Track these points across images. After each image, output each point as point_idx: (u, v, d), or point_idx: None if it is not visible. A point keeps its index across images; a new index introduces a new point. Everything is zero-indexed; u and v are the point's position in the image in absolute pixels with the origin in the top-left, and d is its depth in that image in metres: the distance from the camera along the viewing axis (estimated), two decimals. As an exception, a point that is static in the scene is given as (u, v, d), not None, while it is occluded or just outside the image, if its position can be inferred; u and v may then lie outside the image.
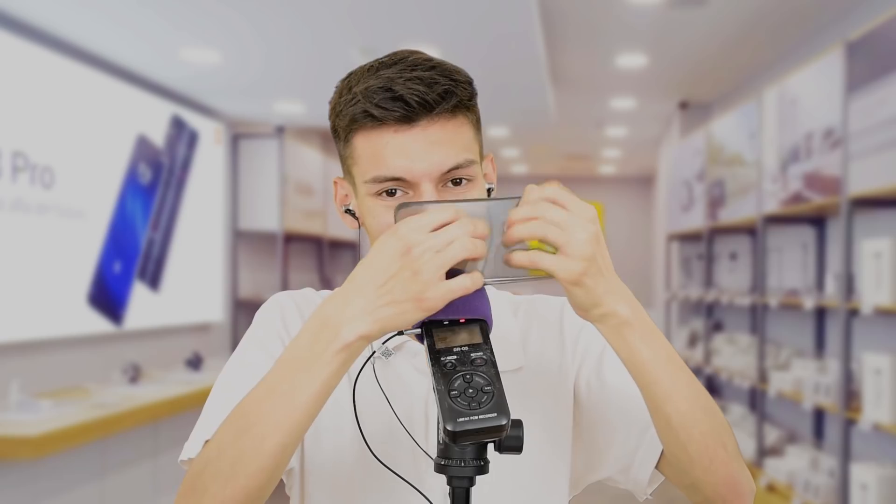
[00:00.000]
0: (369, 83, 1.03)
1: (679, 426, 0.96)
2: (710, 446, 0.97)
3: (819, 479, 4.41)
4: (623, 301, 0.94)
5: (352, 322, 0.88)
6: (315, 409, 0.91)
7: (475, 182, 1.06)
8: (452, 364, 0.87)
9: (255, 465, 0.91)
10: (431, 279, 0.87)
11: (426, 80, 1.01)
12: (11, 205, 4.31)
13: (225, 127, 6.91)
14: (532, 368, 1.15)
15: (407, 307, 0.87)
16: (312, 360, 0.90)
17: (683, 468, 1.00)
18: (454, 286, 0.88)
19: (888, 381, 3.70)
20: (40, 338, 4.59)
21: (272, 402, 0.91)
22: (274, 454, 0.91)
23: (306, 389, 0.90)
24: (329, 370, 0.89)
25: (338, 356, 0.89)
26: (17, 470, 3.75)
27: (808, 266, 5.30)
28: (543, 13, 5.02)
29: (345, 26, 4.66)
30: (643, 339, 0.94)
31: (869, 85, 3.91)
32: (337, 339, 0.89)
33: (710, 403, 0.99)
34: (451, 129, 1.03)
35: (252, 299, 7.21)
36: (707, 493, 1.01)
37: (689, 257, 7.83)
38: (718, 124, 6.42)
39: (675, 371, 0.96)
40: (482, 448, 0.89)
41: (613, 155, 11.15)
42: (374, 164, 1.03)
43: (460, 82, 1.04)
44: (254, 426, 0.91)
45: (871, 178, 3.89)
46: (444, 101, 1.01)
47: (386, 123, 1.02)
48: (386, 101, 1.01)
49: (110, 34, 4.84)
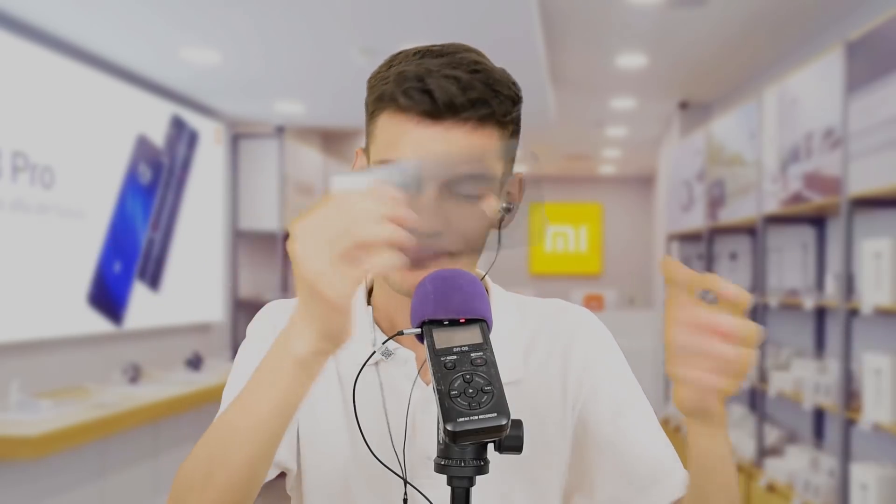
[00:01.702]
0: (408, 68, 1.00)
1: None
2: None
3: (819, 479, 4.41)
4: (720, 406, 0.90)
5: (300, 335, 0.86)
6: (278, 424, 0.90)
7: (484, 200, 1.02)
8: (452, 364, 0.87)
9: (223, 478, 0.91)
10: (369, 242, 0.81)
11: (462, 82, 0.97)
12: (11, 205, 4.31)
13: (225, 127, 6.91)
14: (531, 382, 1.12)
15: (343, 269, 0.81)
16: (269, 377, 0.89)
17: None
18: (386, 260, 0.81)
19: (888, 381, 3.70)
20: (40, 338, 4.59)
21: (239, 416, 0.91)
22: (241, 468, 0.91)
23: (267, 403, 0.89)
24: (285, 384, 0.88)
25: (294, 369, 0.87)
26: (17, 470, 3.75)
27: (808, 266, 5.30)
28: (543, 14, 5.02)
29: (345, 26, 4.66)
30: (726, 443, 0.95)
31: (869, 85, 3.91)
32: (288, 355, 0.87)
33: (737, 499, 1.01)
34: (477, 139, 0.99)
35: (252, 299, 7.21)
36: None
37: (689, 257, 7.83)
38: (718, 124, 6.42)
39: (731, 472, 0.98)
40: (482, 448, 0.89)
41: (613, 155, 11.15)
42: (388, 148, 1.02)
43: (499, 94, 0.99)
44: (222, 440, 0.91)
45: (871, 178, 3.89)
46: (474, 108, 0.98)
47: (410, 113, 0.99)
48: (414, 91, 0.98)
49: (110, 34, 4.85)
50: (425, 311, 0.93)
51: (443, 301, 0.94)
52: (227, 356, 6.52)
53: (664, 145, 9.18)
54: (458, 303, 0.93)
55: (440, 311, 0.93)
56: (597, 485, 1.11)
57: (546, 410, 1.12)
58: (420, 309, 0.94)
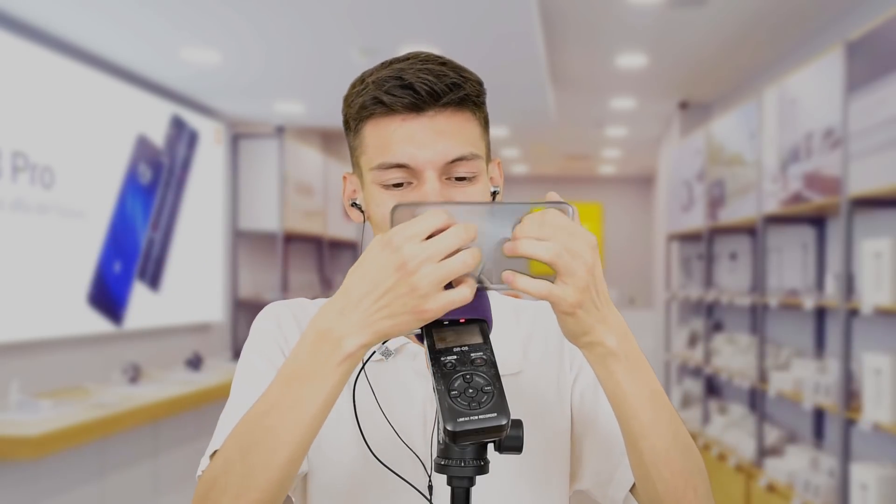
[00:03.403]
0: (381, 74, 1.05)
1: (651, 463, 0.97)
2: (680, 488, 0.98)
3: (819, 479, 4.41)
4: (613, 332, 0.93)
5: (351, 335, 0.88)
6: (320, 422, 0.91)
7: (478, 179, 1.07)
8: (452, 364, 0.88)
9: (264, 479, 0.91)
10: (430, 294, 0.86)
11: (436, 72, 1.04)
12: (11, 205, 4.31)
13: (225, 127, 6.91)
14: (531, 374, 1.15)
15: (405, 318, 0.87)
16: (314, 374, 0.90)
17: (651, 502, 1.01)
18: (454, 297, 0.87)
19: (888, 381, 3.70)
20: (40, 338, 4.59)
21: (278, 417, 0.91)
22: (282, 468, 0.91)
23: (311, 403, 0.90)
24: (332, 382, 0.89)
25: (339, 368, 0.89)
26: (17, 470, 3.75)
27: (808, 266, 5.30)
28: (543, 13, 5.02)
29: (345, 26, 4.67)
30: (628, 372, 0.94)
31: (869, 85, 3.91)
32: (338, 352, 0.89)
33: (687, 445, 0.99)
34: (458, 122, 1.05)
35: (252, 299, 7.21)
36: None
37: (689, 257, 7.83)
38: (718, 124, 6.42)
39: (656, 408, 0.96)
40: (482, 448, 0.90)
41: (613, 155, 11.15)
42: (380, 151, 1.05)
43: (469, 79, 1.07)
44: (261, 442, 0.91)
45: (871, 178, 3.89)
46: (452, 91, 1.04)
47: (394, 111, 1.04)
48: (395, 89, 1.03)
49: (110, 34, 4.85)
50: (425, 311, 0.93)
51: (443, 301, 0.94)
52: (227, 356, 6.52)
53: (664, 145, 9.18)
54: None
55: (440, 311, 0.93)
56: (583, 461, 1.15)
57: (546, 400, 1.15)
58: (420, 309, 0.94)
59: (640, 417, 0.95)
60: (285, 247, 7.24)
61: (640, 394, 0.94)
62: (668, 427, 0.97)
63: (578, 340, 0.93)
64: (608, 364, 0.93)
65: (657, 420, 0.96)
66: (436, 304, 0.86)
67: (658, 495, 0.99)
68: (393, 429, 1.09)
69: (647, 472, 0.98)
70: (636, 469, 1.00)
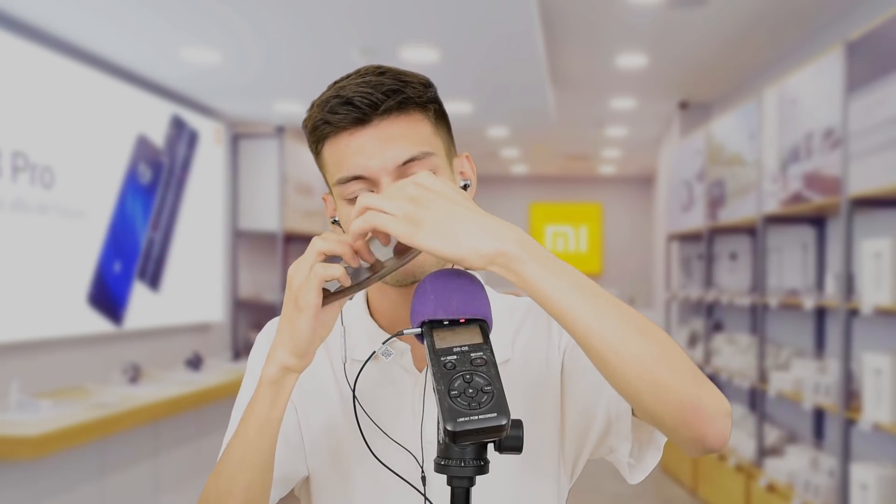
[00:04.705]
0: (325, 96, 1.10)
1: (610, 355, 0.91)
2: (653, 371, 0.91)
3: (819, 479, 4.41)
4: (503, 239, 0.90)
5: (272, 359, 0.99)
6: (264, 443, 1.00)
7: (438, 175, 1.08)
8: (452, 364, 0.88)
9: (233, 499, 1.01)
10: (300, 283, 0.95)
11: (372, 84, 1.07)
12: (11, 205, 4.31)
13: (225, 127, 6.91)
14: (519, 360, 1.16)
15: (293, 315, 0.96)
16: (255, 398, 1.00)
17: (636, 402, 0.94)
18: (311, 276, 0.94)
19: (888, 381, 3.70)
20: (40, 338, 4.59)
21: (235, 441, 1.01)
22: (242, 490, 1.01)
23: (252, 425, 1.00)
24: (264, 404, 0.99)
25: (268, 391, 0.99)
26: (17, 470, 3.75)
27: (808, 266, 5.30)
28: (543, 13, 5.02)
29: (345, 26, 4.66)
30: (541, 271, 0.90)
31: (869, 85, 3.91)
32: (265, 375, 0.99)
33: (646, 326, 0.92)
34: (404, 125, 1.08)
35: (252, 299, 7.21)
36: (668, 423, 0.94)
37: (689, 257, 7.83)
38: (718, 124, 6.42)
39: (590, 299, 0.91)
40: (482, 448, 0.90)
41: (613, 155, 11.15)
42: (337, 167, 1.09)
43: (410, 83, 1.09)
44: (226, 466, 1.02)
45: (871, 178, 3.89)
46: (390, 98, 1.06)
47: (341, 128, 1.08)
48: (338, 107, 1.07)
49: (110, 34, 4.84)
50: (425, 311, 0.94)
51: (443, 301, 0.94)
52: (226, 356, 6.52)
53: (664, 145, 9.18)
54: (457, 303, 0.94)
55: (440, 311, 0.93)
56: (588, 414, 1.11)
57: (536, 379, 1.16)
58: (420, 309, 0.94)
59: (575, 311, 0.90)
60: (285, 247, 7.24)
61: (562, 287, 0.90)
62: (612, 313, 0.91)
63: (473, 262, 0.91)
64: (515, 268, 0.90)
65: (595, 309, 0.90)
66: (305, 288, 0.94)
67: (636, 390, 0.92)
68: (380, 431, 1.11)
69: (611, 368, 0.91)
70: (603, 372, 0.93)
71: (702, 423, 0.93)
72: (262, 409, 0.99)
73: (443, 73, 5.44)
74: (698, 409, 0.92)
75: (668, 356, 0.92)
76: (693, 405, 0.92)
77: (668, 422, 0.94)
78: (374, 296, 1.19)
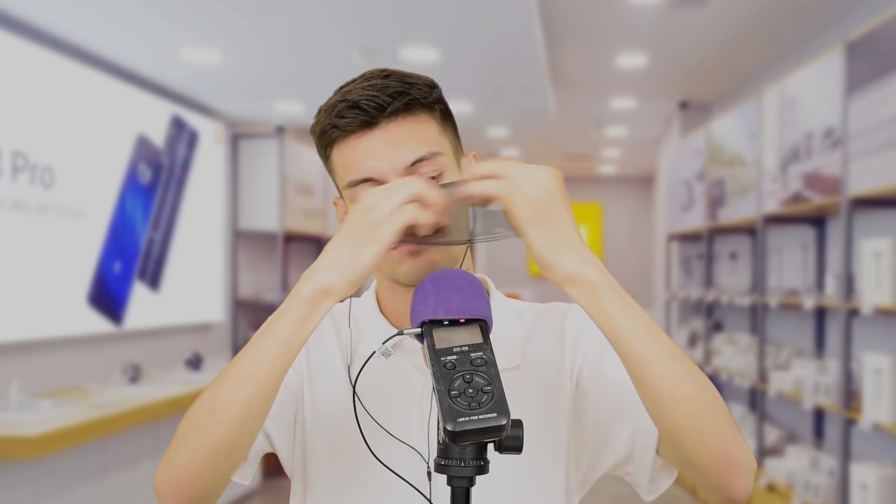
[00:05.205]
0: (331, 101, 1.13)
1: (664, 394, 0.94)
2: (699, 416, 0.95)
3: (819, 479, 4.41)
4: (590, 265, 0.95)
5: (311, 278, 0.96)
6: (279, 363, 0.96)
7: (445, 175, 1.10)
8: (452, 364, 0.88)
9: (225, 414, 0.96)
10: (382, 211, 0.94)
11: (378, 86, 1.09)
12: (11, 205, 4.31)
13: (225, 127, 6.91)
14: (529, 366, 1.16)
15: (360, 242, 0.95)
16: (278, 317, 0.97)
17: (675, 442, 0.98)
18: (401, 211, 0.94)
19: (888, 381, 3.70)
20: (40, 338, 4.58)
21: (247, 356, 0.97)
22: (242, 404, 0.96)
23: (273, 341, 0.96)
24: (292, 322, 0.96)
25: (300, 308, 0.96)
26: (17, 470, 3.75)
27: (808, 266, 5.30)
28: (543, 13, 5.02)
29: (345, 26, 4.66)
30: (617, 303, 0.94)
31: (869, 85, 3.91)
32: (301, 292, 0.96)
33: (696, 372, 0.96)
34: (411, 126, 1.09)
35: (252, 299, 7.21)
36: (701, 468, 0.97)
37: (689, 257, 7.83)
38: (718, 124, 6.42)
39: (654, 337, 0.95)
40: (482, 448, 0.90)
41: (613, 155, 11.15)
42: (347, 170, 1.10)
43: (415, 84, 1.10)
44: (229, 377, 0.97)
45: (871, 178, 3.89)
46: (396, 100, 1.08)
47: (349, 131, 1.10)
48: (345, 111, 1.09)
49: (110, 34, 4.84)
50: (425, 311, 0.94)
51: (442, 301, 0.94)
52: (226, 356, 6.52)
53: (664, 145, 9.18)
54: (457, 303, 0.94)
55: (440, 311, 0.93)
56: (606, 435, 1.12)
57: (546, 388, 1.16)
58: (420, 309, 0.94)
59: (641, 347, 0.94)
60: (285, 247, 7.24)
61: (634, 323, 0.94)
62: (671, 354, 0.95)
63: (556, 273, 0.94)
64: (594, 296, 0.94)
65: (658, 348, 0.94)
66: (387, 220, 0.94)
67: (679, 429, 0.95)
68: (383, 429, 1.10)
69: (662, 406, 0.95)
70: (651, 406, 0.97)
71: (732, 475, 0.98)
72: (287, 326, 0.96)
73: (443, 73, 5.44)
74: (733, 459, 0.97)
75: (713, 403, 0.97)
76: (729, 455, 0.97)
77: (700, 466, 0.98)
78: (384, 295, 1.19)
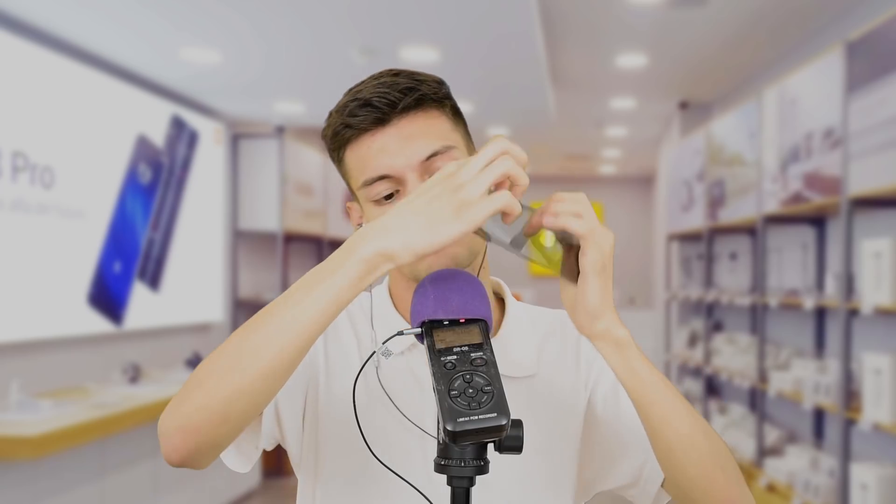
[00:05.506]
0: (342, 101, 1.12)
1: (678, 448, 1.00)
2: (709, 470, 1.01)
3: (819, 479, 4.41)
4: (622, 326, 0.98)
5: (375, 238, 0.89)
6: (323, 318, 0.91)
7: None
8: (452, 364, 0.88)
9: (253, 363, 0.91)
10: (476, 190, 0.87)
11: (389, 84, 1.09)
12: (11, 205, 4.31)
13: (225, 127, 6.91)
14: (544, 377, 1.17)
15: (444, 216, 0.87)
16: (331, 271, 0.90)
17: (683, 489, 1.04)
18: (496, 197, 0.88)
19: (888, 381, 3.70)
20: (40, 338, 4.58)
21: (284, 306, 0.91)
22: (273, 356, 0.91)
23: (322, 294, 0.90)
24: (346, 278, 0.89)
25: (358, 266, 0.89)
26: (17, 470, 3.75)
27: (808, 266, 5.30)
28: (543, 13, 5.02)
29: (345, 26, 4.66)
30: (642, 362, 0.98)
31: (869, 85, 3.91)
32: (357, 251, 0.89)
33: (708, 428, 1.02)
34: (423, 122, 1.09)
35: (252, 299, 7.20)
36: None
37: (689, 257, 7.83)
38: (718, 124, 6.42)
39: (673, 395, 0.99)
40: (482, 448, 0.90)
41: (613, 155, 11.16)
42: (362, 169, 1.10)
43: (424, 81, 1.11)
44: (262, 326, 0.92)
45: (871, 178, 3.89)
46: (407, 96, 1.08)
47: (362, 130, 1.09)
48: (357, 110, 1.09)
49: (110, 34, 4.85)
50: (425, 311, 0.94)
51: (442, 301, 0.94)
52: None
53: (664, 145, 9.18)
54: (457, 303, 0.94)
55: (440, 311, 0.93)
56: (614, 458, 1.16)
57: (559, 402, 1.17)
58: (420, 309, 0.94)
59: (661, 403, 0.98)
60: (285, 247, 7.24)
61: (655, 381, 0.98)
62: (686, 411, 1.00)
63: (594, 326, 0.96)
64: (623, 352, 0.97)
65: (675, 405, 0.99)
66: (480, 201, 0.87)
67: (689, 480, 1.01)
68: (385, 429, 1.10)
69: (675, 458, 1.00)
70: (664, 458, 1.02)
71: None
72: (341, 281, 0.89)
73: (443, 73, 5.40)
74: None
75: (722, 458, 1.03)
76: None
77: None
78: (399, 293, 1.19)
